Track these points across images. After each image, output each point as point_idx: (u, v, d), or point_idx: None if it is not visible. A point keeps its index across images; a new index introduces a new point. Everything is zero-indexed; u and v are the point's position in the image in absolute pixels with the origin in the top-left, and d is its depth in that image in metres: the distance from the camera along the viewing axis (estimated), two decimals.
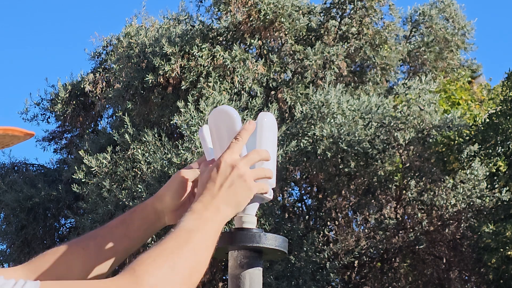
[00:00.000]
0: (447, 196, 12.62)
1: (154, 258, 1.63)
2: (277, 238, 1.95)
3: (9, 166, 15.63)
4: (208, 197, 1.78)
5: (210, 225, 1.75)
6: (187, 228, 1.72)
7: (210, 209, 1.76)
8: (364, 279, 13.68)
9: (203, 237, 1.72)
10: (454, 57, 14.83)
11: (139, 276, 1.59)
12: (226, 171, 1.80)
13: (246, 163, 1.84)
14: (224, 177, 1.80)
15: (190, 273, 1.66)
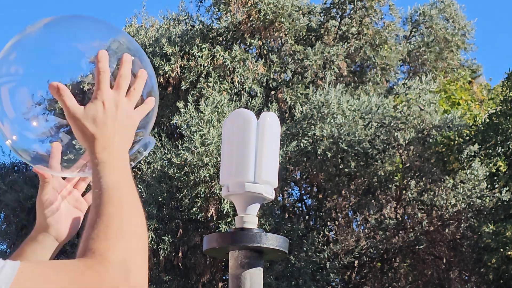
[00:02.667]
0: (447, 196, 12.62)
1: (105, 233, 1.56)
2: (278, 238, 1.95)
3: (9, 166, 15.62)
4: (108, 143, 1.68)
5: (124, 172, 1.69)
6: (110, 186, 1.64)
7: (116, 155, 1.68)
8: (364, 279, 13.67)
9: (129, 189, 1.66)
10: (454, 57, 14.82)
11: (103, 256, 1.52)
12: (112, 110, 1.71)
13: (123, 94, 1.74)
14: (113, 118, 1.70)
15: (139, 227, 1.60)
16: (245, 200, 2.01)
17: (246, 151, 1.96)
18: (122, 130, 1.72)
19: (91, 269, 1.51)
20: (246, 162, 1.98)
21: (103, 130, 1.69)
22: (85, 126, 1.69)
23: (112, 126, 1.70)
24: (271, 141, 1.98)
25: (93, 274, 1.50)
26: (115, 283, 1.51)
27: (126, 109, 1.74)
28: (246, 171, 1.97)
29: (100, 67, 1.77)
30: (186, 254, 12.90)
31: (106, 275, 1.51)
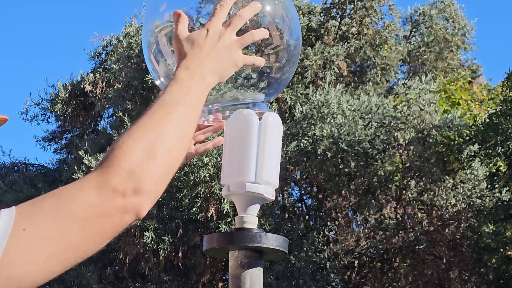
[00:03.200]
0: (447, 196, 12.62)
1: (124, 140, 1.52)
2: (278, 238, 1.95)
3: (9, 166, 15.63)
4: (195, 64, 1.68)
5: (194, 95, 1.65)
6: (167, 100, 1.61)
7: (195, 77, 1.67)
8: (364, 279, 13.68)
9: (185, 109, 1.61)
10: (454, 57, 14.83)
11: (109, 164, 1.48)
12: (214, 39, 1.72)
13: (232, 31, 1.76)
14: (211, 45, 1.71)
15: (171, 146, 1.55)
16: (246, 200, 2.01)
17: (247, 151, 1.96)
18: (215, 59, 1.72)
19: (91, 182, 1.47)
20: (247, 162, 1.97)
21: (196, 52, 1.70)
22: (182, 46, 1.72)
23: (207, 52, 1.71)
24: (273, 141, 1.98)
25: (91, 186, 1.46)
26: (113, 187, 1.46)
27: (229, 44, 1.74)
28: (247, 171, 1.97)
29: (222, 2, 1.82)
30: (186, 254, 12.91)
31: (105, 182, 1.46)
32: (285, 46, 1.99)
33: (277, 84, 2.03)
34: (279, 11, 1.98)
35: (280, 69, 2.01)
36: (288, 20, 2.00)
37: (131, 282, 13.25)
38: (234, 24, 1.77)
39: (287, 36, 2.00)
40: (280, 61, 2.00)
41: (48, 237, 1.44)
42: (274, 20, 1.97)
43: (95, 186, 1.47)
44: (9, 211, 1.47)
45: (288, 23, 2.00)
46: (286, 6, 2.00)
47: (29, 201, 1.51)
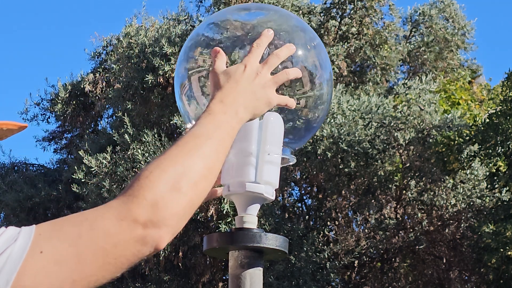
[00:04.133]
0: (447, 196, 12.62)
1: (151, 170, 1.51)
2: (278, 238, 1.95)
3: (9, 166, 15.62)
4: (230, 98, 1.69)
5: (225, 130, 1.64)
6: (198, 133, 1.60)
7: (228, 112, 1.67)
8: (364, 279, 13.68)
9: (215, 143, 1.60)
10: (454, 57, 14.83)
11: (134, 193, 1.48)
12: (250, 75, 1.74)
13: (268, 69, 1.77)
14: (248, 81, 1.72)
15: (197, 181, 1.54)
16: (246, 200, 2.01)
17: (248, 151, 1.96)
18: (250, 96, 1.72)
19: (113, 209, 1.47)
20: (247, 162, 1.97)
21: (232, 86, 1.72)
22: (219, 79, 1.74)
23: (243, 87, 1.72)
24: (274, 141, 1.98)
25: (113, 215, 1.46)
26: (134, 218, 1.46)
27: (264, 82, 1.75)
28: (247, 171, 1.97)
29: (258, 41, 1.81)
30: (186, 254, 12.90)
31: (127, 212, 1.46)
32: (315, 92, 2.01)
33: (303, 130, 2.05)
34: (311, 57, 2.01)
35: (308, 114, 2.03)
36: (319, 67, 2.02)
37: (131, 282, 13.26)
38: (271, 62, 1.78)
39: (318, 81, 2.02)
40: (309, 106, 2.02)
41: (64, 262, 1.43)
42: (306, 65, 1.99)
43: (117, 215, 1.47)
44: (29, 230, 1.46)
45: (319, 70, 2.02)
46: (319, 52, 2.03)
47: (50, 222, 1.50)
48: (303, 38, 2.01)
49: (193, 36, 2.07)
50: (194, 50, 2.03)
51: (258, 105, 1.74)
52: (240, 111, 1.69)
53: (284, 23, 2.02)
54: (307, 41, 2.02)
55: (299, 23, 2.05)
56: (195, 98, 2.01)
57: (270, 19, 2.02)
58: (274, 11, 2.11)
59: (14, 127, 1.71)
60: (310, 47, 2.02)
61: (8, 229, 1.45)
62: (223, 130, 1.64)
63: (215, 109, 1.66)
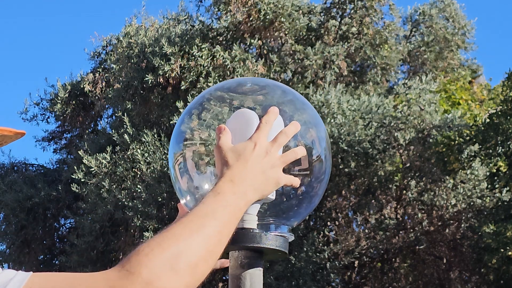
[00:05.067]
0: (447, 196, 12.61)
1: (152, 247, 1.49)
2: (278, 238, 1.94)
3: (9, 166, 15.62)
4: (240, 177, 1.65)
5: (232, 211, 1.61)
6: (203, 212, 1.56)
7: (238, 192, 1.63)
8: (365, 279, 13.67)
9: (220, 224, 1.57)
10: (454, 57, 14.82)
11: (131, 269, 1.46)
12: (260, 154, 1.70)
13: (277, 148, 1.74)
14: (257, 161, 1.69)
15: (196, 263, 1.54)
16: None
17: None
18: (260, 176, 1.69)
19: (108, 282, 1.45)
20: None
21: (242, 166, 1.68)
22: (227, 156, 1.70)
23: (253, 167, 1.69)
24: None
25: (107, 287, 1.44)
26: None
27: (274, 162, 1.72)
28: None
29: (266, 118, 1.78)
30: None
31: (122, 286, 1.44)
32: (314, 171, 2.00)
33: (301, 207, 2.02)
34: (312, 135, 1.99)
35: (305, 193, 2.01)
36: (318, 145, 2.00)
37: None
38: (280, 141, 1.75)
39: (317, 160, 2.01)
40: (307, 184, 2.00)
41: None
42: (305, 141, 1.96)
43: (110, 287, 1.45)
44: (23, 276, 1.45)
45: (319, 149, 2.01)
46: (319, 130, 2.01)
47: (45, 276, 1.48)
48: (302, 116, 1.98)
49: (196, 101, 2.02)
50: (192, 122, 1.99)
51: (267, 185, 1.71)
52: (249, 192, 1.67)
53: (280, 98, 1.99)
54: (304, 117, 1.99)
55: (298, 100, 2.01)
56: (188, 172, 1.96)
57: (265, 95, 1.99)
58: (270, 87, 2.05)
59: (10, 133, 1.67)
60: (310, 126, 1.99)
61: (4, 271, 1.44)
62: (231, 212, 1.61)
63: (224, 189, 1.63)
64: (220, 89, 2.02)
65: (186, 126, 2.00)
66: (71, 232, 14.62)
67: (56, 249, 15.24)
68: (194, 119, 2.00)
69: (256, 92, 1.98)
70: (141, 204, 12.35)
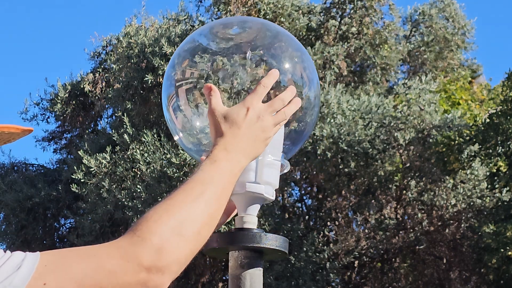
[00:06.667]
0: (447, 196, 12.61)
1: (160, 214, 1.57)
2: (278, 238, 1.94)
3: (9, 166, 15.61)
4: (233, 145, 1.73)
5: (228, 177, 1.70)
6: (201, 179, 1.65)
7: (232, 160, 1.72)
8: (364, 279, 13.67)
9: (217, 191, 1.66)
10: (454, 57, 14.81)
11: (142, 235, 1.53)
12: (252, 120, 1.76)
13: (271, 114, 1.80)
14: (249, 127, 1.76)
15: (200, 228, 1.60)
16: (246, 200, 2.00)
17: None
18: (251, 142, 1.76)
19: (120, 250, 1.51)
20: None
21: (234, 132, 1.75)
22: (219, 123, 1.77)
23: (244, 133, 1.76)
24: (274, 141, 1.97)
25: (120, 255, 1.50)
26: (140, 262, 1.51)
27: (265, 125, 1.79)
28: (247, 171, 1.96)
29: (264, 81, 1.83)
30: None
31: (134, 254, 1.51)
32: (304, 102, 2.01)
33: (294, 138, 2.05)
34: (298, 69, 2.02)
35: (298, 122, 2.04)
36: (306, 77, 2.03)
37: None
38: (275, 107, 1.81)
39: (306, 91, 2.03)
40: (298, 116, 2.03)
41: None
42: (294, 77, 2.00)
43: (123, 255, 1.51)
44: (33, 258, 1.48)
45: (307, 80, 2.03)
46: (305, 63, 2.04)
47: (56, 253, 1.53)
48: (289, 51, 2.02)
49: (182, 45, 2.07)
50: (182, 62, 2.03)
51: (257, 148, 1.78)
52: (242, 159, 1.75)
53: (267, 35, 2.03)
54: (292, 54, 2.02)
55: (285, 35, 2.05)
56: (183, 110, 2.02)
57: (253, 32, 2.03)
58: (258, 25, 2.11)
59: (17, 130, 1.70)
60: (297, 59, 2.02)
61: (13, 255, 1.47)
62: (227, 178, 1.69)
63: (219, 157, 1.71)
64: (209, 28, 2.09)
65: (177, 67, 2.03)
66: (71, 232, 14.62)
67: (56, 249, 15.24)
68: (184, 60, 2.04)
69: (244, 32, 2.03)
70: (141, 204, 12.35)
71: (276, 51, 2.00)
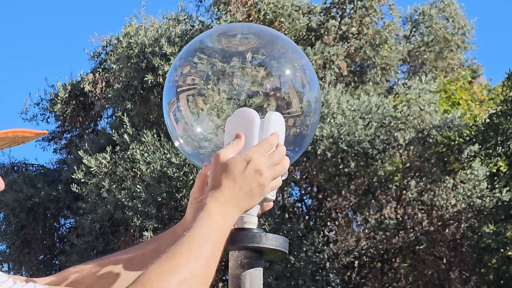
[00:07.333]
0: (447, 196, 12.61)
1: (166, 273, 1.62)
2: (278, 238, 1.94)
3: (9, 166, 15.61)
4: (226, 198, 1.76)
5: (223, 233, 1.75)
6: (201, 237, 1.70)
7: (225, 214, 1.75)
8: (364, 279, 13.67)
9: (215, 249, 1.71)
10: (454, 57, 14.81)
11: None
12: (250, 174, 1.78)
13: (270, 166, 1.81)
14: (246, 181, 1.78)
15: (201, 285, 1.67)
16: None
17: None
18: (247, 195, 1.78)
19: None
20: None
21: (230, 185, 1.77)
22: (218, 171, 1.79)
23: (240, 186, 1.78)
24: None
25: None
26: None
27: (264, 180, 1.80)
28: None
29: (270, 138, 1.85)
30: None
31: None
32: (304, 109, 2.03)
33: (296, 146, 2.06)
34: (299, 76, 2.02)
35: (298, 130, 2.04)
36: (307, 84, 2.03)
37: None
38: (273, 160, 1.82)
39: (306, 98, 2.03)
40: (297, 124, 2.03)
41: None
42: (294, 84, 2.01)
43: None
44: None
45: (308, 87, 2.03)
46: (305, 70, 2.04)
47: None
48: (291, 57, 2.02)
49: (185, 50, 2.07)
50: (183, 68, 2.03)
51: (252, 201, 1.81)
52: (234, 212, 1.78)
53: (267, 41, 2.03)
54: (294, 60, 2.03)
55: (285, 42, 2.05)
56: (184, 117, 2.02)
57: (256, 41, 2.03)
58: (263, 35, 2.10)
59: (31, 134, 1.73)
60: (297, 66, 2.02)
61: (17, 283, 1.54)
62: (222, 235, 1.75)
63: (213, 209, 1.75)
64: (211, 34, 2.08)
65: (178, 73, 2.03)
66: (71, 232, 14.61)
67: (56, 249, 15.24)
68: (185, 65, 2.04)
69: (246, 38, 2.02)
70: (140, 204, 12.35)
71: (277, 55, 2.00)
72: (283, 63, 1.99)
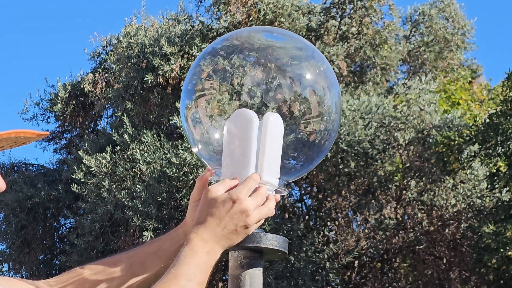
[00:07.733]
0: (447, 196, 12.60)
1: None
2: (278, 238, 1.94)
3: (9, 166, 15.61)
4: (210, 235, 1.79)
5: (205, 270, 1.78)
6: (187, 276, 1.74)
7: (209, 251, 1.79)
8: (364, 279, 13.66)
9: (198, 285, 1.76)
10: (454, 57, 14.81)
11: None
12: (236, 214, 1.81)
13: (256, 207, 1.83)
14: (231, 221, 1.81)
15: None
16: None
17: (247, 151, 1.95)
18: (231, 234, 1.81)
19: None
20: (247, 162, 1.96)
21: (214, 224, 1.81)
22: (204, 207, 1.82)
23: (224, 225, 1.81)
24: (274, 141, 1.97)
25: None
26: None
27: (250, 220, 1.83)
28: (247, 171, 1.96)
29: (254, 175, 1.86)
30: None
31: None
32: (323, 115, 2.02)
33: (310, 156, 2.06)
34: (320, 81, 2.02)
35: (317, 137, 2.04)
36: (327, 89, 2.03)
37: None
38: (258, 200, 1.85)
39: (325, 104, 2.03)
40: (316, 130, 2.03)
41: None
42: (315, 88, 2.01)
43: None
44: None
45: (327, 92, 2.03)
46: (326, 75, 2.04)
47: None
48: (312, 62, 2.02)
49: (202, 55, 2.08)
50: (201, 73, 2.04)
51: (236, 239, 1.84)
52: (218, 250, 1.81)
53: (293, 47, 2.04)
54: (315, 65, 2.03)
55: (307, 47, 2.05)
56: (201, 122, 2.02)
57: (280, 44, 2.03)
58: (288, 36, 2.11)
59: (33, 135, 1.74)
60: (318, 71, 2.02)
61: None
62: (205, 271, 1.79)
63: (198, 247, 1.78)
64: (228, 38, 2.09)
65: (196, 78, 2.05)
66: (71, 232, 14.61)
67: (56, 249, 15.24)
68: (204, 70, 2.05)
69: (264, 45, 2.04)
70: (140, 204, 12.35)
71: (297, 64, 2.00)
72: (305, 69, 1.97)
